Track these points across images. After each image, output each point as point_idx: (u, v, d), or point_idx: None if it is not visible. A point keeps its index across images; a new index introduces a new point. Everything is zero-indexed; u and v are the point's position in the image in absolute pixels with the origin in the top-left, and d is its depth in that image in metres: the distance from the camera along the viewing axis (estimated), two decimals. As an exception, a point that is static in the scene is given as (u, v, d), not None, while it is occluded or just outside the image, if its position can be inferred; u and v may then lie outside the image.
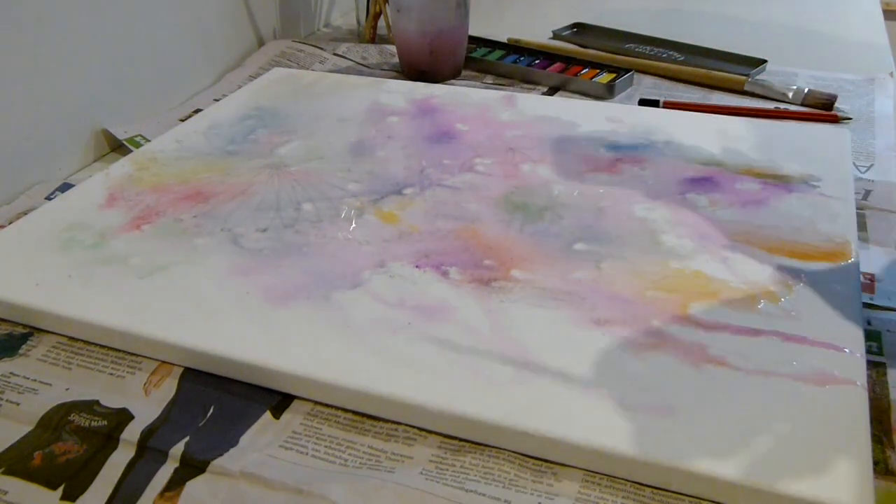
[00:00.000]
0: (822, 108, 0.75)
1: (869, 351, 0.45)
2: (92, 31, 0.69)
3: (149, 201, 0.59)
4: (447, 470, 0.39)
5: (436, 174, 0.62)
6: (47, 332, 0.49)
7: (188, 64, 0.82)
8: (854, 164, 0.64)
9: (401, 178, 0.62)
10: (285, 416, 0.43)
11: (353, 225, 0.56)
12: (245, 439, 0.41)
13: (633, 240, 0.54)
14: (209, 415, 0.43)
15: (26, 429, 0.42)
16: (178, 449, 0.41)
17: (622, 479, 0.39)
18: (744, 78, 0.80)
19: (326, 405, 0.43)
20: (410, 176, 0.62)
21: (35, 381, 0.45)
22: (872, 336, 0.47)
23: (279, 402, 0.44)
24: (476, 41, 0.90)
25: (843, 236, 0.53)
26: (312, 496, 0.38)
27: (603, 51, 0.91)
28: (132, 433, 0.42)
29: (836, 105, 0.75)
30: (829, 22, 1.02)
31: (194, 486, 0.39)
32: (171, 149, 0.67)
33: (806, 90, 0.76)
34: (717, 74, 0.82)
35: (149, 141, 0.70)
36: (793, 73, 0.84)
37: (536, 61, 0.86)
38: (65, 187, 0.65)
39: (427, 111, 0.72)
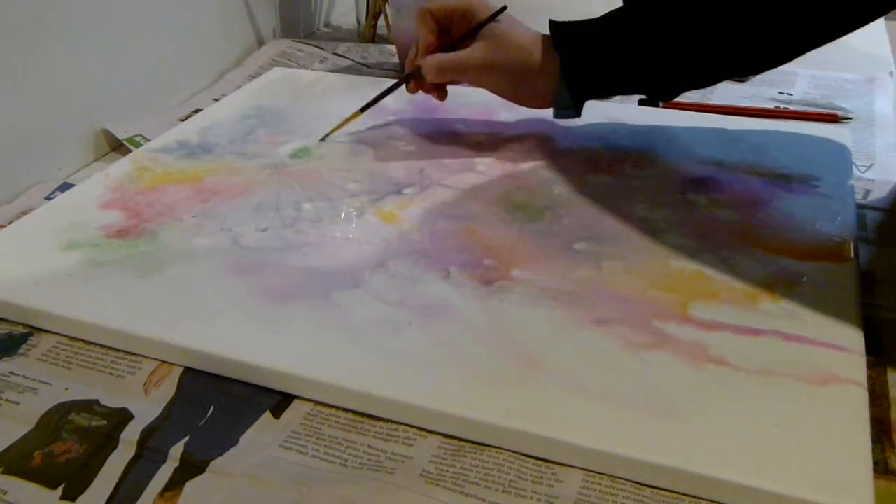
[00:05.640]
0: None
1: (869, 351, 0.45)
2: (92, 31, 0.69)
3: (149, 201, 0.59)
4: (447, 471, 0.39)
5: (436, 174, 0.62)
6: (47, 331, 0.49)
7: (188, 64, 0.82)
8: (854, 163, 0.64)
9: (401, 178, 0.62)
10: (285, 416, 0.43)
11: (353, 225, 0.56)
12: (245, 439, 0.41)
13: (633, 240, 0.54)
14: (209, 415, 0.43)
15: (26, 428, 0.42)
16: (177, 449, 0.41)
17: (622, 478, 0.39)
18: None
19: (326, 405, 0.43)
20: (410, 176, 0.62)
21: (35, 380, 0.45)
22: (872, 336, 0.47)
23: (279, 402, 0.44)
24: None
25: (843, 236, 0.53)
26: (312, 496, 0.38)
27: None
28: (132, 433, 0.42)
29: (836, 104, 0.75)
30: (829, 22, 1.02)
31: (194, 486, 0.39)
32: (171, 149, 0.67)
33: None
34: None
35: (149, 141, 0.70)
36: (793, 73, 0.84)
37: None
38: (65, 187, 0.65)
39: (427, 111, 0.72)
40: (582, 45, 0.60)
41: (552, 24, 0.61)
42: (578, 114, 0.63)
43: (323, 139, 0.67)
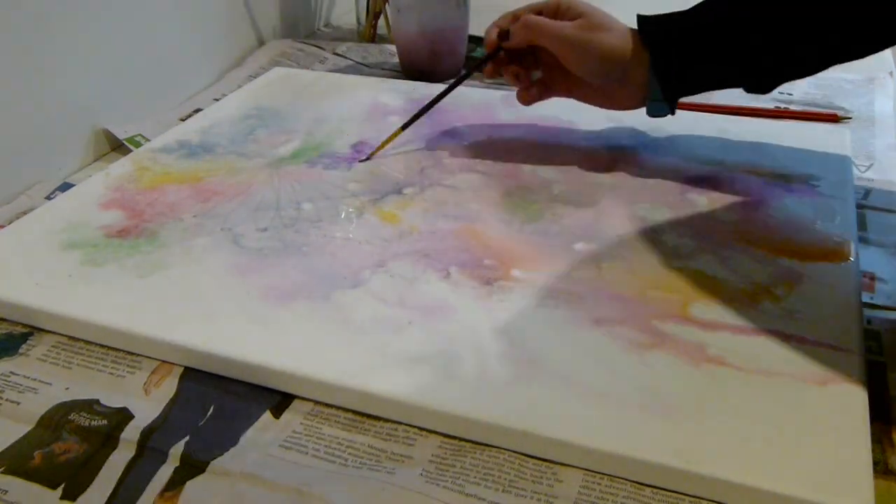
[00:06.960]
0: None
1: (869, 351, 0.45)
2: (92, 31, 0.69)
3: (149, 201, 0.59)
4: (447, 471, 0.39)
5: (436, 174, 0.62)
6: (47, 331, 0.49)
7: (188, 64, 0.82)
8: (854, 163, 0.64)
9: (401, 178, 0.62)
10: (285, 416, 0.43)
11: (353, 225, 0.56)
12: (245, 439, 0.41)
13: (633, 240, 0.54)
14: (209, 415, 0.43)
15: (26, 428, 0.42)
16: (178, 449, 0.41)
17: (622, 478, 0.39)
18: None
19: (326, 405, 0.43)
20: (410, 176, 0.62)
21: (35, 380, 0.45)
22: (872, 336, 0.47)
23: (279, 402, 0.44)
24: (476, 41, 0.90)
25: (843, 236, 0.53)
26: (312, 496, 0.38)
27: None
28: (132, 433, 0.42)
29: (836, 104, 0.75)
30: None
31: (194, 486, 0.39)
32: (171, 149, 0.67)
33: None
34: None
35: (149, 141, 0.70)
36: (793, 73, 0.83)
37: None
38: (65, 187, 0.65)
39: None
40: (672, 36, 0.57)
41: (640, 17, 0.59)
42: (672, 110, 0.59)
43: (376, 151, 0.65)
